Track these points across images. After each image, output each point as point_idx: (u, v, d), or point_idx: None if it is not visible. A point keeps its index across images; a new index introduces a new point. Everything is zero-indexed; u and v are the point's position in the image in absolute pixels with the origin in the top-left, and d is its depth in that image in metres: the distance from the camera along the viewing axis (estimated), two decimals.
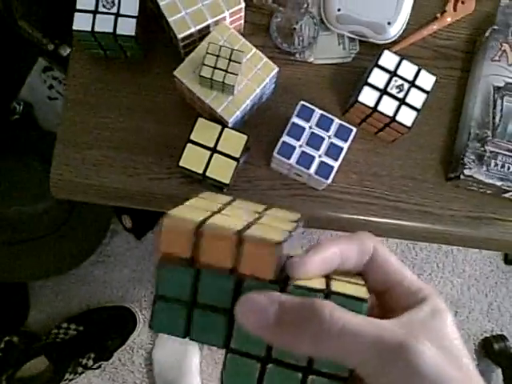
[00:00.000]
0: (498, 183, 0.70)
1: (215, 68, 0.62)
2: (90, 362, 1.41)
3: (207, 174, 0.66)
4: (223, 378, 0.28)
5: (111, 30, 0.67)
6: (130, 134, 0.73)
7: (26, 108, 1.41)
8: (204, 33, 0.68)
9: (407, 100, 0.68)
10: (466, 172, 0.70)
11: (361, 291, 0.29)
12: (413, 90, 0.68)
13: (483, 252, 1.58)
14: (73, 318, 1.46)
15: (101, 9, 0.67)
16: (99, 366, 1.44)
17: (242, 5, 0.67)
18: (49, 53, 1.32)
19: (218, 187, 0.70)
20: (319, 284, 0.29)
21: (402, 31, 0.75)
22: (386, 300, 0.31)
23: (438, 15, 0.76)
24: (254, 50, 0.67)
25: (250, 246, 0.28)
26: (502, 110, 0.72)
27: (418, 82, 0.68)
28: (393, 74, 0.68)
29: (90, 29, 0.66)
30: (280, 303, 0.26)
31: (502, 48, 0.73)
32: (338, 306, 0.26)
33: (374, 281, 0.31)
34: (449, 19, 0.76)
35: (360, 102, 0.68)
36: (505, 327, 1.59)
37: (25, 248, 1.31)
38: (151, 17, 0.73)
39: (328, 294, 0.28)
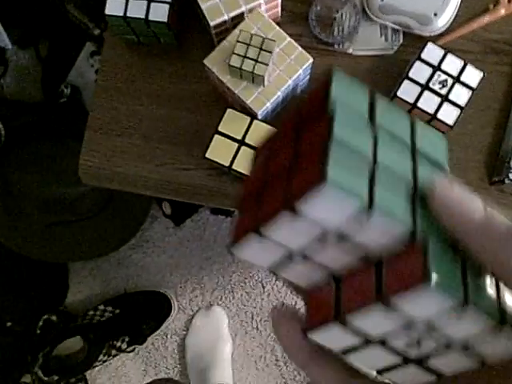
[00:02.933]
0: None
1: (245, 57, 0.60)
2: (124, 345, 1.43)
3: (233, 166, 0.64)
4: None
5: (143, 16, 0.65)
6: (159, 123, 0.72)
7: (74, 91, 1.44)
8: (238, 21, 0.65)
9: (450, 97, 0.64)
10: None
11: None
12: (457, 86, 0.64)
13: None
14: (109, 300, 1.48)
15: None
16: (133, 350, 1.46)
17: None
18: (95, 37, 1.33)
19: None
20: None
21: (449, 23, 0.70)
22: None
23: (491, 6, 0.71)
24: (288, 39, 0.64)
25: None
26: None
27: (463, 78, 0.64)
28: (436, 68, 0.64)
29: (122, 14, 0.65)
30: None
31: None
32: None
33: None
34: (502, 11, 0.71)
35: (399, 98, 0.64)
36: None
37: (66, 229, 1.33)
38: (188, 3, 0.71)
39: None
